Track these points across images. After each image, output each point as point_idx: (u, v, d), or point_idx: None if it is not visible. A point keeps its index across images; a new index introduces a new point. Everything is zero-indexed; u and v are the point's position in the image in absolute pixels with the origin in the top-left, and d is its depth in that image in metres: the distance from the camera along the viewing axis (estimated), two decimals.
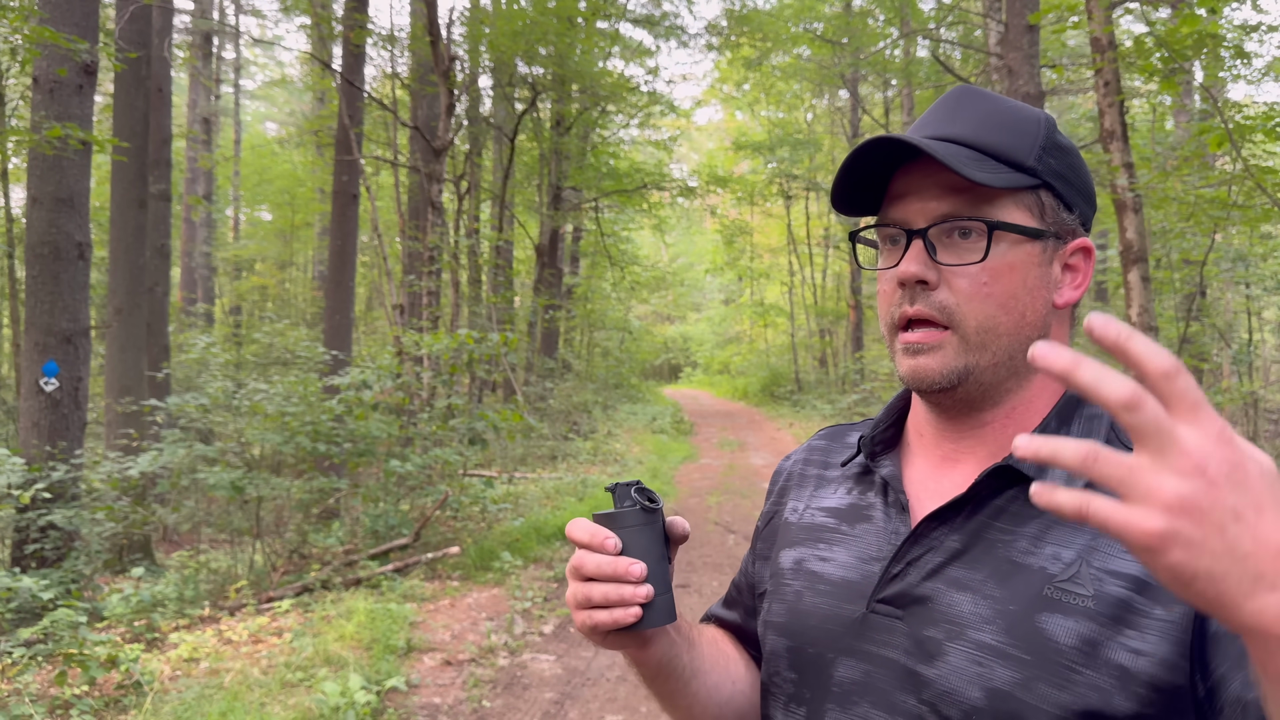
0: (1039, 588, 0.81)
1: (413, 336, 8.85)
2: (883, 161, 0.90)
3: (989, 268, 0.86)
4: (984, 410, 0.91)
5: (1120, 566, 0.79)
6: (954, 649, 0.83)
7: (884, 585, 0.89)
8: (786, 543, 1.03)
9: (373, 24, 13.17)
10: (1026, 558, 0.83)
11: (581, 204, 19.64)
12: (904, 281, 0.87)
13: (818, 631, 0.93)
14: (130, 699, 4.51)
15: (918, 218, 0.88)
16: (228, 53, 27.59)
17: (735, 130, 30.59)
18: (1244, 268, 11.49)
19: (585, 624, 0.88)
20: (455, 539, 7.84)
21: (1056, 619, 0.79)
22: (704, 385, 36.59)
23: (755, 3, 18.39)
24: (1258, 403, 13.23)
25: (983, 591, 0.83)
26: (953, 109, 0.91)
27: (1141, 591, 0.77)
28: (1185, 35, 5.79)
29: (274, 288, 25.03)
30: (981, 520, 0.87)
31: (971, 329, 0.86)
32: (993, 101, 0.91)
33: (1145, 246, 6.32)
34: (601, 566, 0.86)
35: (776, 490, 1.12)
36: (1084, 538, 0.82)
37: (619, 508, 0.89)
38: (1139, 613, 0.77)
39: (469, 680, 4.99)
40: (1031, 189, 0.88)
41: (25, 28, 5.99)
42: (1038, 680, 0.78)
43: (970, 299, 0.86)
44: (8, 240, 11.77)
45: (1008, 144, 0.87)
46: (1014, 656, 0.80)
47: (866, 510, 0.97)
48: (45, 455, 6.36)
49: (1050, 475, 0.84)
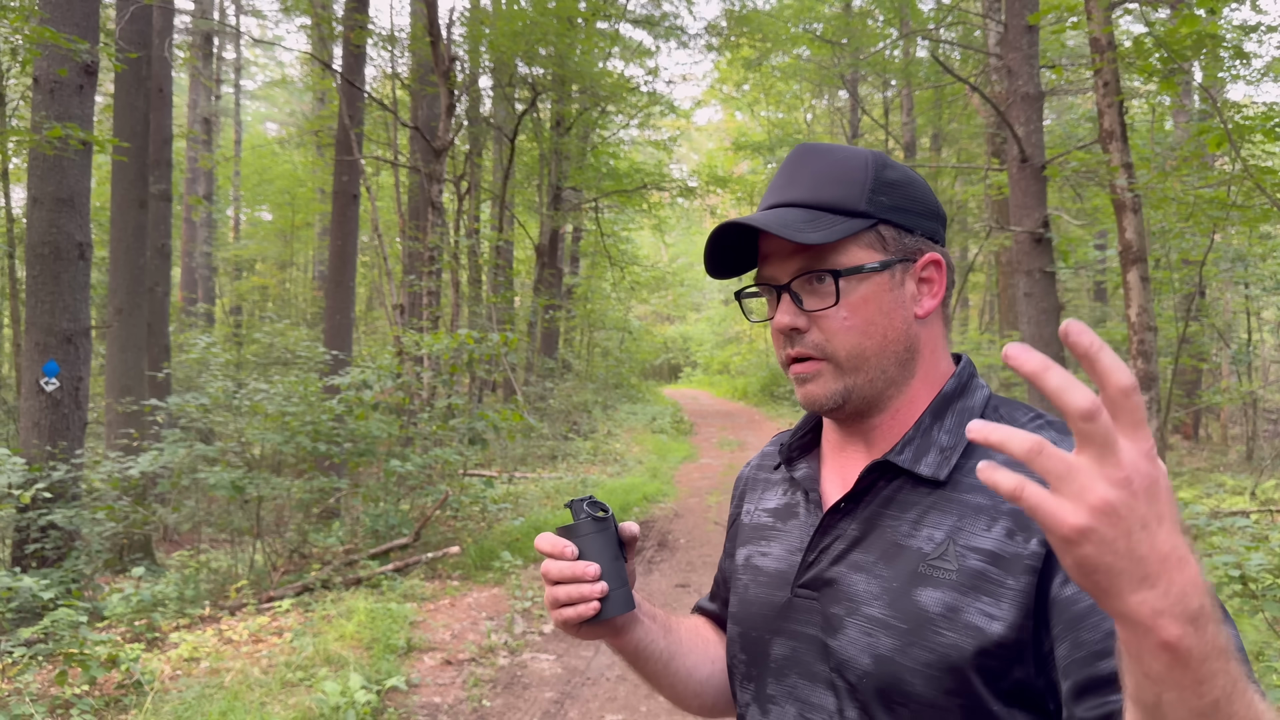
0: (915, 565, 0.95)
1: (413, 336, 8.86)
2: (744, 233, 1.05)
3: (845, 305, 0.99)
4: (871, 417, 1.04)
5: (979, 543, 0.92)
6: (851, 623, 0.97)
7: (802, 572, 1.04)
8: (741, 541, 1.18)
9: (373, 24, 13.18)
10: (907, 540, 0.97)
11: (581, 204, 19.64)
12: (780, 330, 1.02)
13: (758, 617, 1.08)
14: (131, 698, 4.52)
15: (781, 274, 1.03)
16: (228, 53, 27.60)
17: (735, 130, 30.58)
18: (1243, 268, 11.49)
19: (558, 620, 1.04)
20: (455, 539, 7.84)
21: (928, 591, 0.93)
22: (704, 385, 36.59)
23: (755, 3, 18.40)
24: (1257, 403, 13.23)
25: (874, 571, 0.97)
26: (791, 174, 1.04)
27: (995, 564, 0.90)
28: (1184, 35, 5.80)
29: (274, 288, 25.03)
30: (874, 509, 1.01)
31: (843, 358, 1.00)
32: (825, 157, 1.03)
33: (1144, 246, 6.32)
34: (562, 570, 1.03)
35: (738, 495, 1.26)
36: (951, 520, 0.95)
37: (576, 520, 1.06)
38: (993, 581, 0.90)
39: (469, 680, 4.99)
40: (870, 228, 1.01)
41: (26, 28, 6.00)
42: (912, 645, 0.92)
43: (836, 334, 1.00)
44: (8, 240, 11.78)
45: (839, 196, 1.01)
46: (894, 626, 0.94)
47: (794, 508, 1.12)
48: (46, 455, 6.37)
49: (923, 464, 0.98)
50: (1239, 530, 4.58)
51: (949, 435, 1.00)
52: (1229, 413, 15.86)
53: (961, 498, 0.96)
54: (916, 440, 1.01)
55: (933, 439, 1.00)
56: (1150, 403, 6.02)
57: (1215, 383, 15.57)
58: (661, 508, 10.32)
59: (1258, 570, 3.85)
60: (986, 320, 21.67)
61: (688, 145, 41.34)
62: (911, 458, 0.99)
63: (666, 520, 9.62)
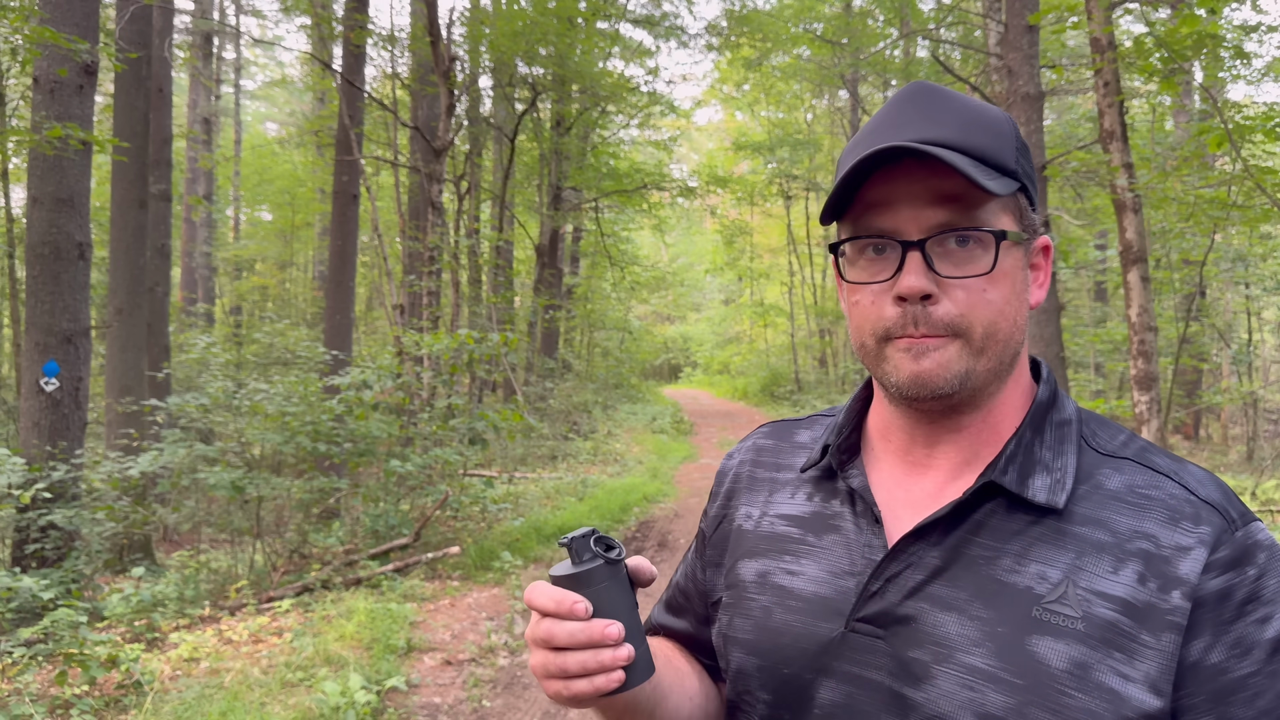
0: (1027, 609, 0.79)
1: (413, 336, 8.86)
2: (860, 168, 0.84)
3: (995, 274, 0.84)
4: (964, 414, 0.88)
5: (1107, 588, 0.79)
6: (943, 672, 0.80)
7: (863, 603, 0.86)
8: (745, 552, 0.98)
9: (373, 24, 13.18)
10: (1011, 576, 0.81)
11: (581, 204, 19.64)
12: (906, 296, 0.83)
13: (793, 650, 0.89)
14: (130, 699, 4.52)
15: (910, 227, 0.83)
16: (228, 53, 27.60)
17: (735, 130, 30.58)
18: (1243, 268, 11.50)
19: (562, 694, 0.81)
20: (455, 539, 7.84)
21: (1047, 641, 0.78)
22: (704, 385, 36.58)
23: (755, 3, 18.40)
24: (1257, 403, 13.23)
25: (969, 612, 0.81)
26: (926, 110, 0.86)
27: (1129, 614, 0.77)
28: (1185, 35, 5.79)
29: (274, 288, 25.04)
30: (961, 535, 0.84)
31: (977, 335, 0.83)
32: (962, 101, 0.87)
33: (1145, 247, 6.32)
34: (575, 635, 0.80)
35: (723, 492, 1.07)
36: (1068, 556, 0.81)
37: (579, 564, 0.82)
38: (1127, 636, 0.77)
39: (469, 680, 4.99)
40: (1018, 191, 0.86)
41: (26, 28, 6.00)
42: (1031, 705, 0.77)
43: (973, 308, 0.83)
44: (8, 240, 11.78)
45: (993, 147, 0.84)
46: (1006, 681, 0.78)
47: (833, 520, 0.93)
48: (46, 455, 6.37)
49: (1032, 488, 0.83)
50: None
51: (1051, 453, 0.86)
52: (1229, 413, 15.86)
53: (1076, 530, 0.82)
54: (1020, 456, 0.85)
55: (1036, 457, 0.86)
56: (1150, 403, 6.02)
57: (1216, 383, 15.57)
58: (662, 508, 10.33)
59: None
60: None
61: (688, 145, 41.34)
62: (1017, 478, 0.84)
63: (667, 520, 9.63)
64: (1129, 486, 0.83)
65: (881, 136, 0.85)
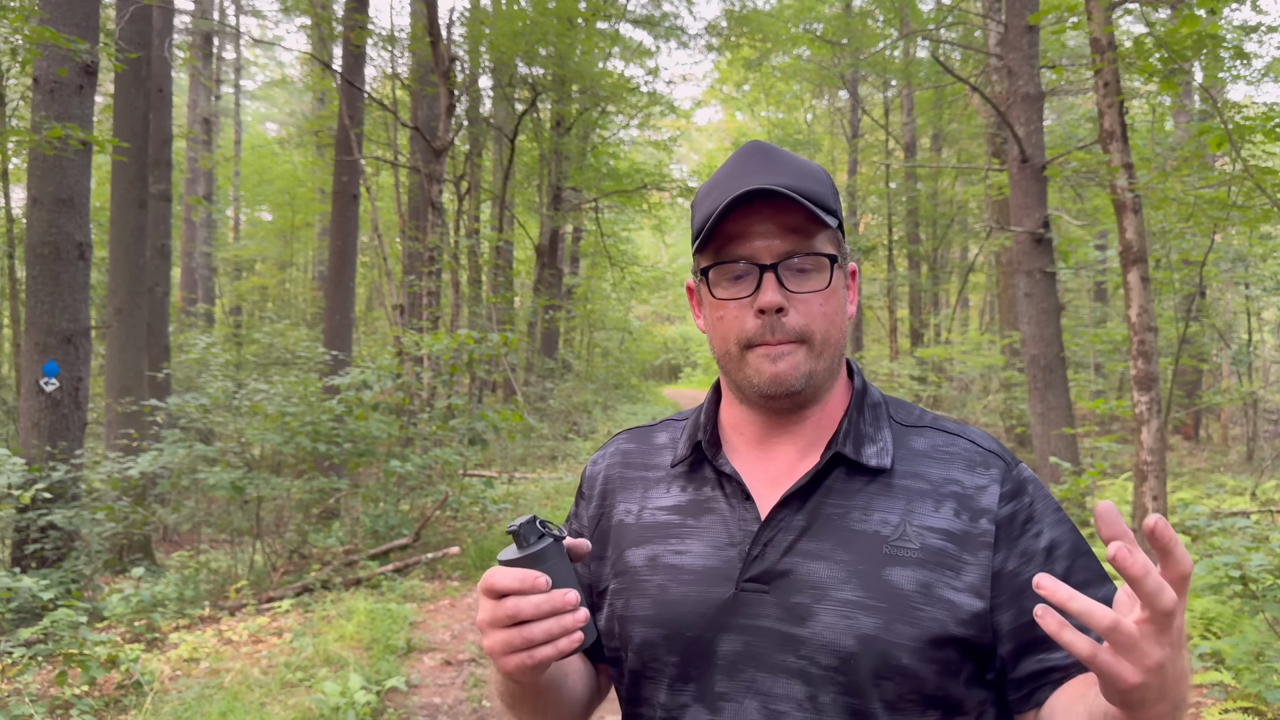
0: (878, 547, 1.00)
1: (413, 337, 8.86)
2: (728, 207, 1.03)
3: (828, 290, 1.04)
4: (807, 408, 1.09)
5: (933, 522, 1.02)
6: (822, 609, 0.99)
7: (748, 566, 1.03)
8: (631, 542, 1.13)
9: (373, 24, 13.18)
10: (861, 525, 1.02)
11: (581, 204, 19.64)
12: (765, 309, 1.02)
13: (693, 616, 1.05)
14: (130, 699, 4.52)
15: (764, 254, 1.03)
16: (228, 53, 27.59)
17: (735, 131, 30.58)
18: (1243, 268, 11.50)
19: (525, 664, 0.91)
20: (455, 539, 7.84)
21: (897, 570, 0.99)
22: (703, 386, 36.59)
23: (755, 3, 18.39)
24: (1257, 403, 13.23)
25: (834, 558, 1.01)
26: (765, 163, 1.06)
27: (952, 541, 1.01)
28: (1185, 36, 5.79)
29: (274, 288, 25.03)
30: (817, 500, 1.04)
31: (817, 341, 1.04)
32: (792, 157, 1.08)
33: (1145, 247, 6.32)
34: (540, 606, 0.90)
35: (596, 494, 1.21)
36: (900, 504, 1.03)
37: (529, 546, 0.93)
38: (953, 558, 1.00)
39: (469, 680, 4.99)
40: (836, 226, 1.06)
41: (26, 28, 6.00)
42: (895, 621, 0.97)
43: (815, 318, 1.03)
44: (8, 240, 11.77)
45: (820, 192, 1.05)
46: (873, 605, 0.98)
47: (707, 504, 1.10)
48: (45, 455, 6.36)
49: (865, 455, 1.05)
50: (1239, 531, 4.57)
51: (873, 429, 1.09)
52: (1229, 413, 15.86)
53: (902, 484, 1.04)
54: (852, 433, 1.07)
55: (863, 432, 1.08)
56: (1150, 403, 6.02)
57: (1216, 383, 15.57)
58: None
59: (1258, 571, 3.85)
60: (987, 320, 21.66)
61: (688, 145, 41.30)
62: (854, 449, 1.06)
63: None
64: (933, 446, 1.08)
65: (736, 183, 1.04)
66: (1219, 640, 4.87)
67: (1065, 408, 8.10)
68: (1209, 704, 4.41)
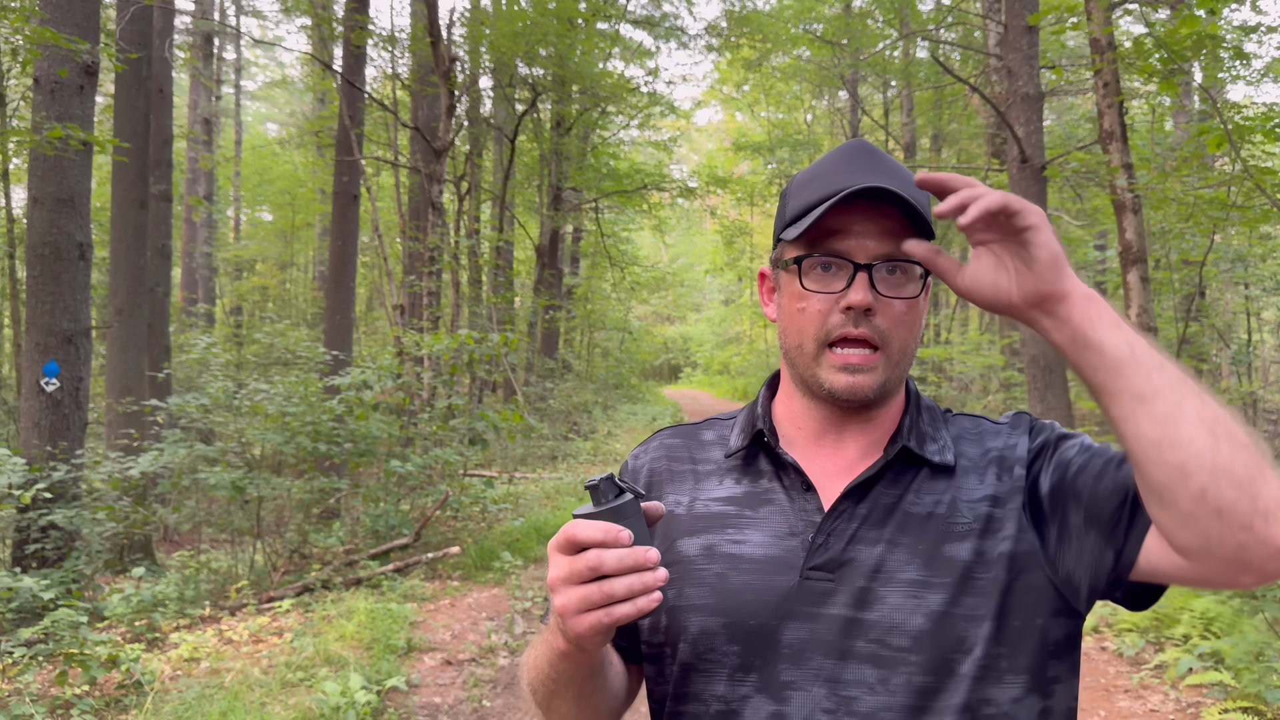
0: (936, 527, 1.03)
1: (413, 337, 8.86)
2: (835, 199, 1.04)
3: (912, 301, 1.06)
4: (874, 409, 1.11)
5: (979, 493, 1.05)
6: (888, 592, 1.01)
7: (812, 555, 1.04)
8: (683, 533, 1.12)
9: (373, 25, 13.18)
10: (914, 508, 1.05)
11: (581, 204, 19.64)
12: (853, 306, 1.03)
13: (755, 604, 1.04)
14: (131, 699, 4.52)
15: (860, 254, 1.04)
16: (229, 53, 27.60)
17: (735, 131, 30.59)
18: (1243, 268, 11.49)
19: (600, 623, 0.87)
20: (455, 539, 7.84)
21: (954, 545, 1.02)
22: (704, 386, 36.59)
23: (755, 3, 18.40)
24: (1257, 403, 13.23)
25: (896, 542, 1.03)
26: (873, 163, 1.06)
27: (996, 504, 1.04)
28: (1184, 36, 5.80)
29: (275, 288, 25.04)
30: (877, 491, 1.07)
31: (895, 349, 1.06)
32: (896, 161, 1.10)
33: (1144, 247, 6.33)
34: (623, 560, 0.86)
35: (640, 486, 1.19)
36: (946, 486, 1.06)
37: (609, 501, 0.89)
38: (997, 518, 1.03)
39: (469, 680, 4.99)
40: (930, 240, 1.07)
41: (26, 28, 6.01)
42: (960, 595, 0.99)
43: (898, 325, 1.05)
44: (9, 240, 11.78)
45: (923, 201, 1.05)
46: (937, 583, 1.00)
47: (765, 495, 1.11)
48: (46, 455, 6.37)
49: (928, 452, 1.08)
50: None
51: (931, 428, 1.12)
52: None
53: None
54: (914, 430, 1.10)
55: (924, 430, 1.11)
56: None
57: (1215, 383, 15.57)
58: None
59: None
60: (986, 321, 21.66)
61: (688, 146, 41.33)
62: (917, 445, 1.09)
63: None
64: (964, 430, 1.14)
65: (844, 178, 1.04)
66: (1219, 640, 4.88)
67: (1065, 408, 8.11)
68: (1209, 704, 4.41)
